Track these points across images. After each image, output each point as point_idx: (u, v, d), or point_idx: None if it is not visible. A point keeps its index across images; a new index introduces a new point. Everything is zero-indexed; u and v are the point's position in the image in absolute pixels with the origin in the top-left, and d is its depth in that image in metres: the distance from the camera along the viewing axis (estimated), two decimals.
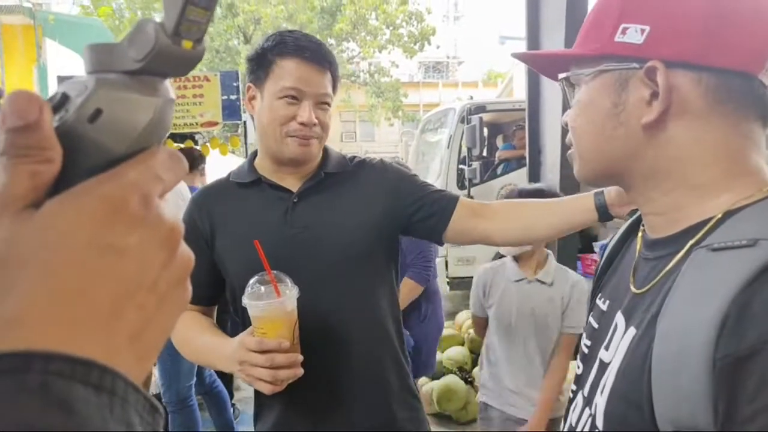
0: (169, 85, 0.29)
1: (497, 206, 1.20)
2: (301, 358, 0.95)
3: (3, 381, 0.20)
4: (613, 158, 0.58)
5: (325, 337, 1.09)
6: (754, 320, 0.41)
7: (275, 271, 0.98)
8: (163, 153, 0.27)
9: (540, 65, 0.72)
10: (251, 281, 0.99)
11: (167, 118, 0.28)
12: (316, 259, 1.10)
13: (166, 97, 0.28)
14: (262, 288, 0.97)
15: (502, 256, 2.14)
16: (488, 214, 1.17)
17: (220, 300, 1.24)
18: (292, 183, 1.15)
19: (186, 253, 0.28)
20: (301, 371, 0.95)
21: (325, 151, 1.20)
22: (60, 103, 0.26)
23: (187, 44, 0.27)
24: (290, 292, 0.97)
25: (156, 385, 2.24)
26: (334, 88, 1.14)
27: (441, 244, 1.24)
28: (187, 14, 0.26)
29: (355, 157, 1.26)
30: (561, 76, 0.63)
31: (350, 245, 1.12)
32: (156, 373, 2.55)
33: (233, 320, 1.25)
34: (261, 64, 1.10)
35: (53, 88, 5.68)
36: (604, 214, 1.07)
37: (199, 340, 1.12)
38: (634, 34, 0.53)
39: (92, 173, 0.25)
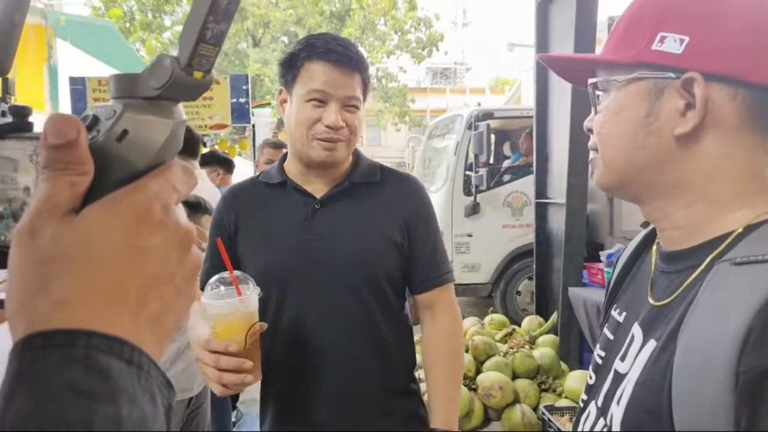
0: (182, 108, 0.34)
1: (433, 330, 1.21)
2: (250, 364, 0.91)
3: (53, 353, 0.25)
4: (639, 167, 0.58)
5: (329, 346, 1.09)
6: None
7: (239, 273, 0.97)
8: (178, 167, 0.32)
9: (563, 70, 0.71)
10: (212, 279, 0.98)
11: (180, 136, 0.33)
12: (327, 268, 1.10)
13: (180, 119, 0.33)
14: (222, 288, 0.96)
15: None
16: (431, 319, 1.20)
17: None
18: (318, 188, 1.15)
19: (196, 252, 0.33)
20: (250, 379, 0.92)
21: (357, 157, 1.19)
22: (92, 124, 0.31)
23: (198, 75, 0.32)
24: (250, 294, 0.94)
25: None
26: (365, 90, 1.13)
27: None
28: (199, 50, 0.31)
29: (387, 167, 1.25)
30: (591, 81, 0.61)
31: (363, 258, 1.12)
32: None
33: None
34: (290, 67, 1.11)
35: (64, 89, 5.72)
36: None
37: (197, 329, 1.11)
38: (672, 44, 0.53)
39: (118, 184, 0.30)
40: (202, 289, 1.20)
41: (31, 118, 0.37)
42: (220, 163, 3.45)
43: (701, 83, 0.52)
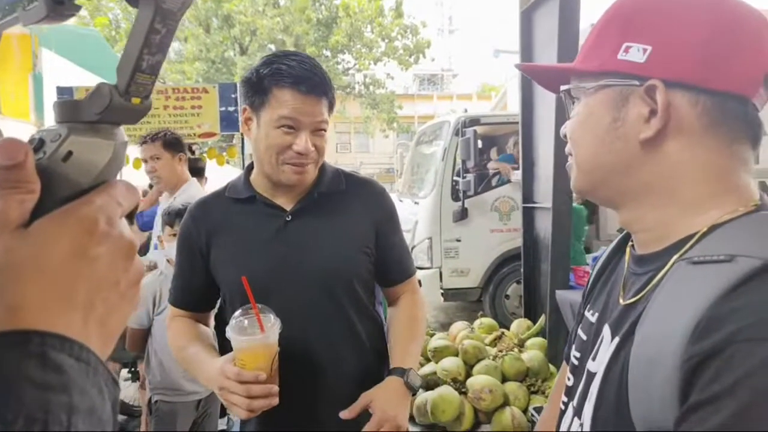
0: (123, 130, 0.36)
1: (397, 308, 1.30)
2: (276, 389, 0.99)
3: (10, 351, 0.27)
4: (609, 171, 0.60)
5: (308, 356, 1.12)
6: (721, 325, 0.44)
7: (260, 305, 1.01)
8: (121, 184, 0.35)
9: (540, 78, 0.74)
10: (236, 314, 1.02)
11: (122, 156, 0.36)
12: (304, 278, 1.13)
13: (121, 140, 0.36)
14: (246, 321, 1.01)
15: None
16: (396, 303, 1.30)
17: (214, 306, 1.28)
18: (287, 200, 1.17)
19: (139, 263, 0.36)
20: (276, 401, 0.99)
21: (321, 167, 1.21)
22: (38, 146, 0.33)
23: (135, 101, 0.35)
24: (272, 327, 1.00)
25: (148, 389, 2.26)
26: (331, 109, 1.15)
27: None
28: (135, 79, 0.34)
29: (349, 173, 1.28)
30: (563, 88, 0.65)
31: (338, 265, 1.15)
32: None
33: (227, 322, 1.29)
34: (257, 90, 1.10)
35: (49, 97, 5.67)
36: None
37: (189, 350, 1.16)
38: (636, 53, 0.56)
39: (64, 202, 0.33)
40: (174, 304, 1.25)
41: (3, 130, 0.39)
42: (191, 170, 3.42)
43: (662, 90, 0.54)
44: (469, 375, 2.73)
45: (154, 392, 2.16)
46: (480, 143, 5.06)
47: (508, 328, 3.31)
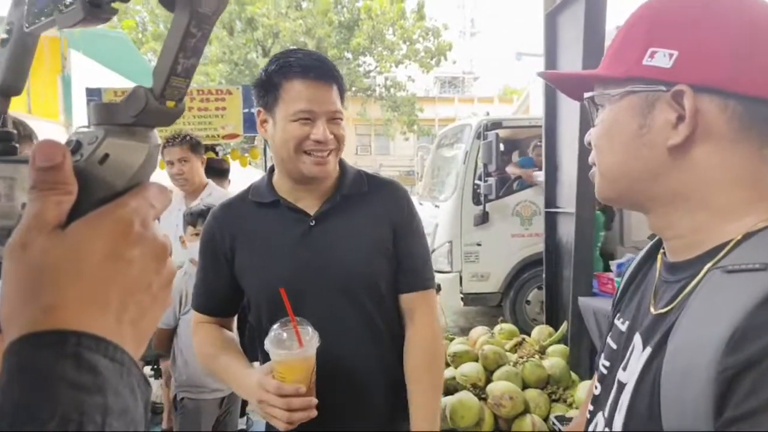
0: (156, 133, 0.37)
1: (411, 337, 1.20)
2: (315, 401, 1.00)
3: (46, 351, 0.28)
4: (635, 179, 0.59)
5: (336, 353, 1.11)
6: (757, 335, 0.43)
7: (298, 317, 1.02)
8: (154, 186, 0.36)
9: (563, 85, 0.73)
10: (274, 326, 1.03)
11: (155, 158, 0.36)
12: (329, 282, 1.12)
13: (155, 143, 0.36)
14: (284, 334, 1.01)
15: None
16: (410, 324, 1.20)
17: (237, 310, 1.28)
18: (310, 204, 1.17)
19: (171, 264, 0.36)
20: (314, 413, 1.00)
21: (342, 168, 1.21)
22: (75, 148, 0.34)
23: (170, 104, 0.35)
24: (310, 341, 1.00)
25: (174, 387, 2.30)
26: (343, 100, 1.15)
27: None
28: (170, 82, 0.34)
29: (371, 175, 1.27)
30: (587, 95, 0.63)
31: (362, 268, 1.14)
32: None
33: (251, 325, 1.29)
34: (268, 88, 1.10)
35: (77, 99, 5.80)
36: None
37: (220, 360, 1.16)
38: (662, 58, 0.55)
39: (100, 203, 0.33)
40: (198, 309, 1.25)
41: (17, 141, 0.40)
42: (212, 171, 3.45)
43: (690, 95, 0.53)
44: (488, 381, 2.70)
45: (180, 390, 2.20)
46: (502, 147, 5.02)
47: (528, 335, 3.27)
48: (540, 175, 4.67)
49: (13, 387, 0.27)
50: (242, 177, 5.36)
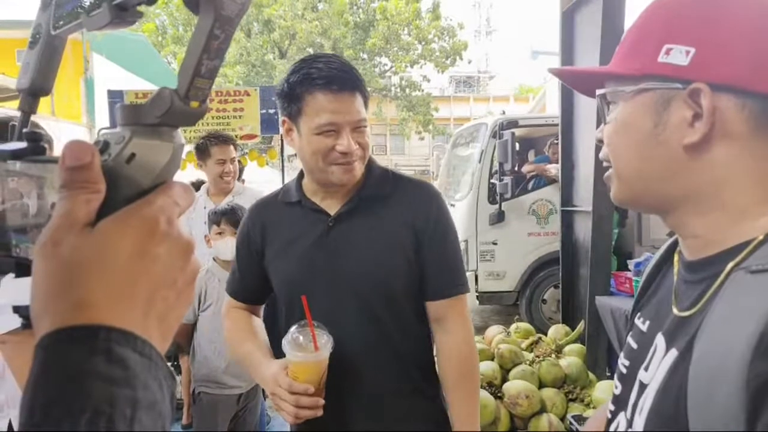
0: (180, 132, 0.37)
1: (445, 348, 1.19)
2: (322, 402, 1.05)
3: (77, 345, 0.29)
4: (650, 179, 0.58)
5: (341, 366, 1.12)
6: None
7: (316, 322, 1.06)
8: (178, 185, 0.36)
9: (574, 81, 0.72)
10: (292, 329, 1.07)
11: (179, 158, 0.37)
12: (340, 283, 1.14)
13: (179, 142, 0.37)
14: (301, 337, 1.06)
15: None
16: (441, 334, 1.19)
17: (266, 299, 1.34)
18: (333, 204, 1.18)
19: (195, 261, 0.37)
20: (320, 412, 1.05)
21: (368, 168, 1.20)
22: (103, 148, 0.35)
23: (194, 104, 0.36)
24: (325, 345, 1.05)
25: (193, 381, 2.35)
26: (366, 106, 1.15)
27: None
28: (194, 83, 0.35)
29: (400, 175, 1.25)
30: (599, 92, 0.63)
31: (375, 272, 1.14)
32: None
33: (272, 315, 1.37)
34: (292, 99, 1.11)
35: (100, 100, 5.92)
36: None
37: (244, 347, 1.21)
38: (678, 56, 0.54)
39: (127, 201, 0.34)
40: (232, 295, 1.31)
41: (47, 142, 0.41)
42: None
43: (708, 93, 0.52)
44: (504, 380, 2.70)
45: (198, 384, 2.24)
46: (518, 146, 5.00)
47: (545, 334, 3.26)
48: (554, 168, 4.64)
49: (46, 380, 0.28)
50: (260, 177, 5.42)
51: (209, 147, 2.79)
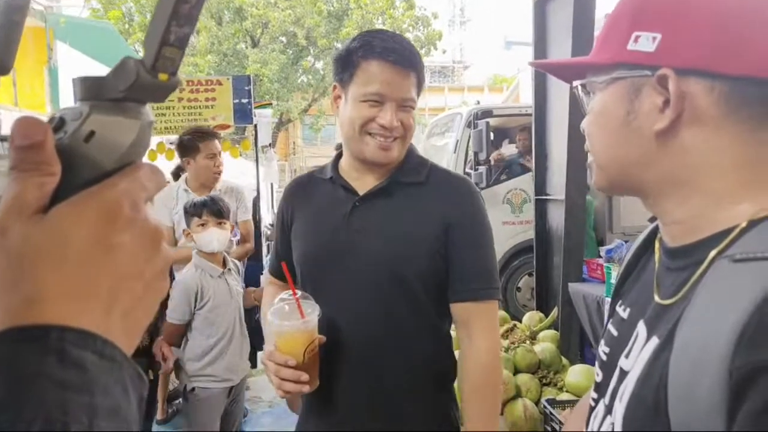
0: (149, 109, 0.34)
1: (468, 357, 1.13)
2: (306, 377, 1.01)
3: (27, 346, 0.26)
4: (626, 165, 0.59)
5: (351, 353, 1.10)
6: None
7: (301, 293, 1.05)
8: (146, 167, 0.33)
9: (556, 70, 0.73)
10: (277, 299, 1.06)
11: (148, 136, 0.34)
12: (356, 265, 1.11)
13: (147, 120, 0.33)
14: (287, 307, 1.04)
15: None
16: (466, 340, 1.13)
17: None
18: (364, 184, 1.15)
19: (166, 250, 0.34)
20: (306, 389, 1.02)
21: (408, 153, 1.16)
22: (58, 125, 0.31)
23: (163, 77, 0.32)
24: (309, 317, 1.02)
25: (173, 381, 2.33)
26: (419, 89, 1.12)
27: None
28: (162, 52, 0.31)
29: (439, 167, 1.21)
30: (576, 83, 0.63)
31: (390, 257, 1.10)
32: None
33: None
34: (346, 65, 1.09)
35: (64, 90, 5.74)
36: None
37: (266, 318, 1.20)
38: (645, 42, 0.54)
39: (86, 184, 0.30)
40: (270, 271, 1.33)
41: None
42: None
43: (674, 78, 0.52)
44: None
45: (191, 380, 2.21)
46: (492, 135, 5.04)
47: (519, 321, 3.31)
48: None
49: None
50: (234, 168, 5.33)
51: (196, 142, 2.74)
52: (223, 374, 2.21)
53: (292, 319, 1.02)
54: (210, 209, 2.20)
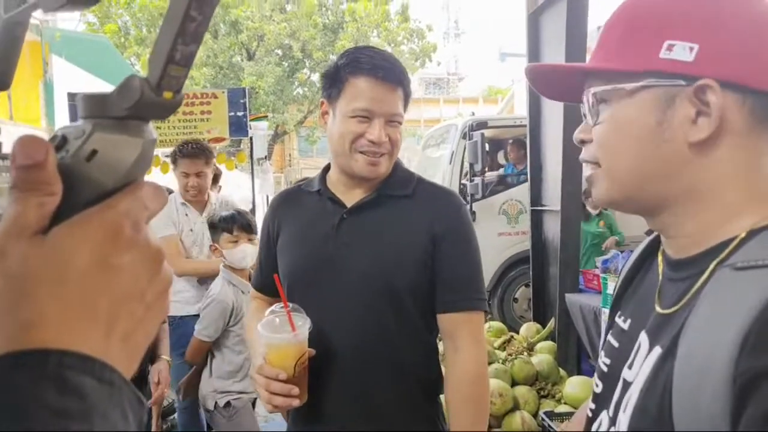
0: (152, 127, 0.33)
1: (454, 369, 1.12)
2: (296, 390, 1.00)
3: (25, 372, 0.25)
4: (650, 178, 0.57)
5: (337, 365, 1.09)
6: None
7: (293, 305, 1.03)
8: (148, 186, 0.33)
9: (542, 86, 0.69)
10: (268, 311, 1.05)
11: (150, 154, 0.33)
12: (344, 277, 1.11)
13: (150, 138, 0.33)
14: (277, 320, 1.03)
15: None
16: (452, 352, 1.12)
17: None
18: (353, 197, 1.16)
19: (167, 270, 0.33)
20: (296, 403, 1.01)
21: (394, 167, 1.18)
22: (60, 144, 0.31)
23: (167, 95, 0.31)
24: (300, 330, 1.01)
25: (167, 398, 2.29)
26: (406, 104, 1.15)
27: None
28: (168, 71, 0.31)
29: (426, 181, 1.23)
30: (593, 90, 0.59)
31: (378, 269, 1.10)
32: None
33: None
34: (334, 81, 1.11)
35: (60, 104, 5.73)
36: None
37: (252, 334, 1.19)
38: (681, 51, 0.53)
39: (88, 204, 0.30)
40: (253, 285, 1.32)
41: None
42: None
43: (717, 90, 0.51)
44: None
45: (223, 396, 2.16)
46: (487, 146, 5.06)
47: (516, 332, 3.30)
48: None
49: None
50: (229, 180, 5.33)
51: (177, 157, 2.72)
52: (250, 387, 2.17)
53: (282, 331, 1.00)
54: (240, 224, 2.16)
